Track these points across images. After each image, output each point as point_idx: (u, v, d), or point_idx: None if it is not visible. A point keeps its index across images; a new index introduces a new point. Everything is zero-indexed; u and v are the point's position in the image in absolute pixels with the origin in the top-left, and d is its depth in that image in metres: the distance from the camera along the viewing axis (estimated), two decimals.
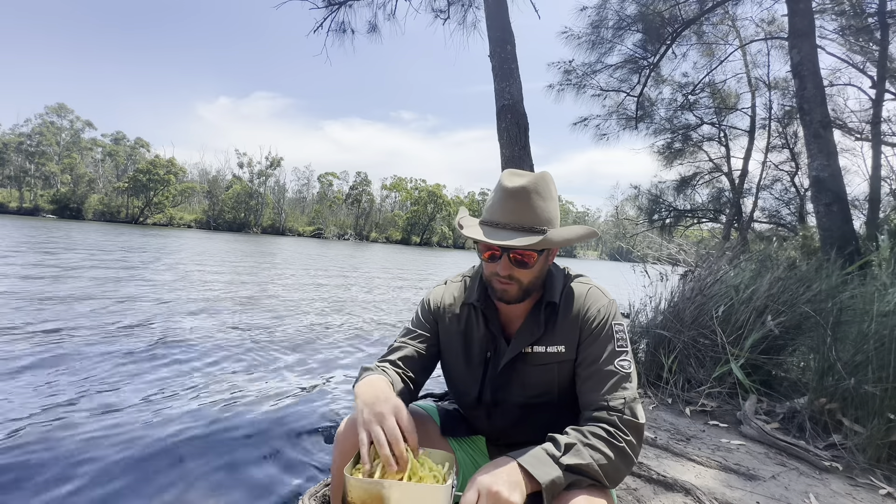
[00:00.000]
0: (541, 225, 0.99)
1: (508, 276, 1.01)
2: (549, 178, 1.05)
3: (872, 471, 2.01)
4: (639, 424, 0.94)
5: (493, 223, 1.02)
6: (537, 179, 1.01)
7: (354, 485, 0.78)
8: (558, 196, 1.08)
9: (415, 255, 33.95)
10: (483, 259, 1.06)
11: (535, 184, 1.01)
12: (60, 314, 4.64)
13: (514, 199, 0.99)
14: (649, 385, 3.03)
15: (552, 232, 0.98)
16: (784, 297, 2.97)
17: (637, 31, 6.59)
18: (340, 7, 6.43)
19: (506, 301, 1.05)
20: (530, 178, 1.02)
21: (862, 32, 6.12)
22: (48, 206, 51.57)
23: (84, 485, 1.80)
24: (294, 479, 1.97)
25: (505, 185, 1.01)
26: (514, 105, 3.91)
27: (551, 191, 1.03)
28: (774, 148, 8.16)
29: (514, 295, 1.03)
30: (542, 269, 1.06)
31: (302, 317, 5.89)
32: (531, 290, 1.05)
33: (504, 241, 0.97)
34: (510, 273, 1.01)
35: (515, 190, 0.99)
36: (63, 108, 60.03)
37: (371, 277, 12.90)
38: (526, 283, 1.03)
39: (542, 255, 1.03)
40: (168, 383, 2.99)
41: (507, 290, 1.03)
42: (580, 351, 1.05)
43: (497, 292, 1.05)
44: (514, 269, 1.01)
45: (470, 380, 1.14)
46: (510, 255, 1.00)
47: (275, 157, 66.12)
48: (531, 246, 0.96)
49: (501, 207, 1.01)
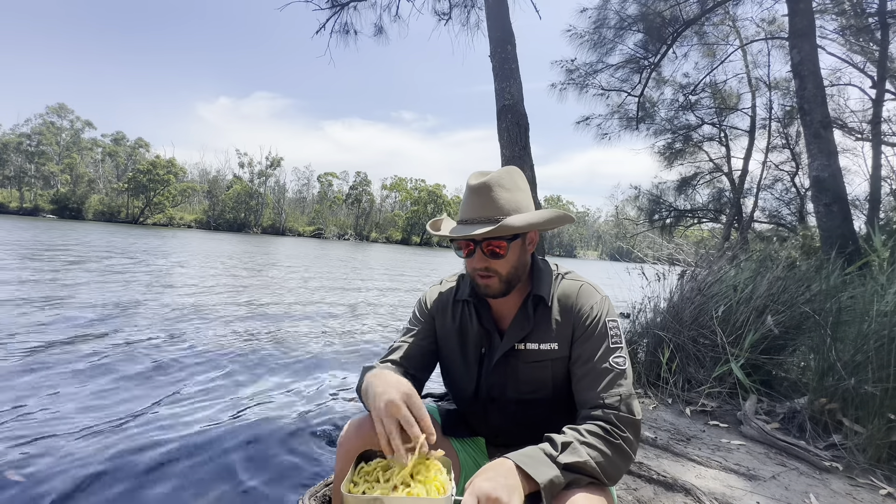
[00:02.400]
0: (504, 215, 1.01)
1: (486, 269, 1.04)
2: (516, 171, 1.08)
3: (872, 471, 2.01)
4: (635, 421, 0.94)
5: (463, 221, 1.05)
6: (501, 173, 1.05)
7: (352, 502, 0.78)
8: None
9: (415, 255, 33.95)
10: (463, 257, 1.08)
11: (499, 177, 1.04)
12: (56, 319, 4.64)
13: (477, 195, 1.03)
14: (649, 385, 3.03)
15: (511, 217, 1.00)
16: (784, 297, 2.97)
17: (638, 31, 6.60)
18: (343, 8, 6.44)
19: (490, 295, 1.07)
20: (494, 173, 1.05)
21: (862, 32, 6.12)
22: (48, 206, 51.59)
23: (80, 491, 1.80)
24: (294, 480, 1.97)
25: (469, 183, 1.05)
26: (514, 105, 3.91)
27: (517, 182, 1.06)
28: (775, 148, 8.17)
29: (496, 288, 1.05)
30: (520, 258, 1.07)
31: (303, 318, 5.90)
32: (513, 282, 1.07)
33: (465, 233, 0.99)
34: (486, 265, 1.04)
35: (478, 186, 1.03)
36: (63, 109, 60.07)
37: (372, 278, 12.89)
38: (505, 274, 1.05)
39: (515, 244, 1.04)
40: (168, 385, 2.99)
41: (489, 284, 1.05)
42: (574, 349, 1.05)
43: (480, 287, 1.07)
44: (489, 260, 1.03)
45: (466, 376, 1.15)
46: (483, 247, 1.03)
47: (275, 158, 66.16)
48: (490, 233, 0.97)
49: (468, 204, 1.05)
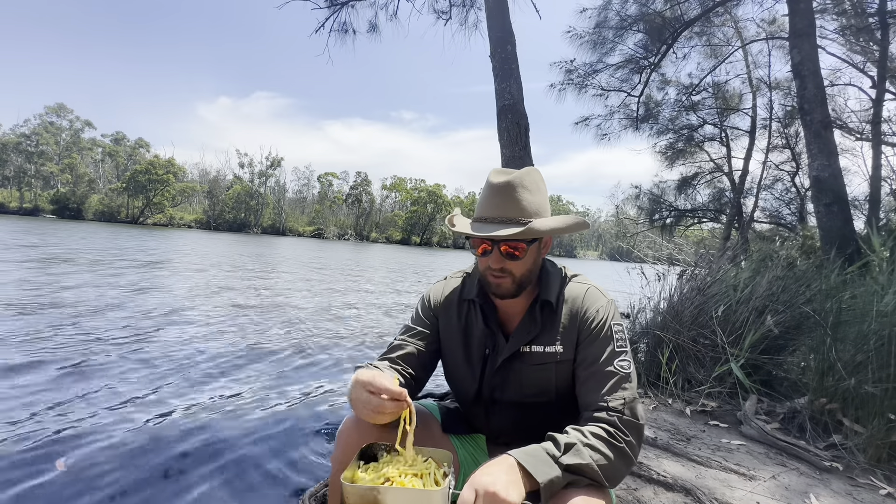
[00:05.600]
0: (527, 217, 1.00)
1: (501, 270, 1.03)
2: (537, 172, 1.07)
3: (873, 471, 2.01)
4: (639, 425, 0.94)
5: (482, 218, 1.04)
6: (523, 174, 1.03)
7: (351, 491, 0.79)
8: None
9: (415, 255, 33.94)
10: (477, 255, 1.07)
11: (522, 178, 1.02)
12: (53, 321, 4.64)
13: (500, 194, 1.01)
14: (649, 385, 3.03)
15: (537, 221, 0.99)
16: (784, 297, 2.97)
17: (638, 31, 6.59)
18: (342, 7, 6.44)
19: (500, 295, 1.06)
20: (517, 173, 1.03)
21: (862, 32, 6.11)
22: (48, 206, 51.58)
23: (79, 489, 1.80)
24: (294, 480, 1.97)
25: (491, 181, 1.04)
26: (514, 105, 3.90)
27: (538, 184, 1.05)
28: (775, 148, 8.16)
29: (508, 288, 1.04)
30: (535, 261, 1.06)
31: (303, 318, 5.89)
32: (525, 284, 1.06)
33: (488, 233, 0.98)
34: (502, 266, 1.02)
35: (501, 185, 1.01)
36: (62, 108, 60.05)
37: (373, 279, 12.89)
38: (519, 276, 1.04)
39: (533, 247, 1.04)
40: (168, 385, 2.99)
41: (501, 283, 1.04)
42: (579, 352, 1.05)
43: (492, 286, 1.06)
44: (505, 261, 1.02)
45: (469, 376, 1.14)
46: (501, 248, 1.02)
47: (275, 158, 66.16)
48: (516, 235, 0.97)
49: (489, 203, 1.03)
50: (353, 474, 0.87)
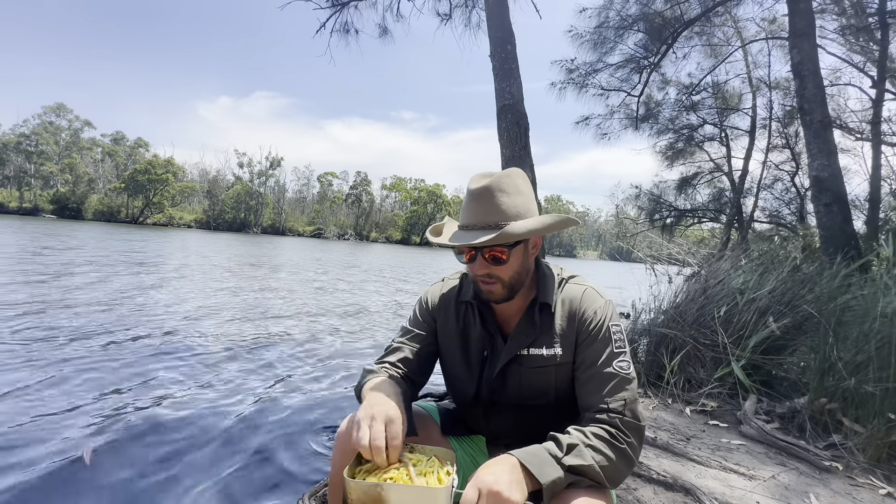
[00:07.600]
0: (507, 220, 0.99)
1: (488, 275, 1.02)
2: (517, 173, 1.05)
3: (872, 471, 2.01)
4: (639, 426, 0.94)
5: (464, 226, 1.03)
6: (501, 177, 1.02)
7: (353, 487, 0.79)
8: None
9: (416, 255, 33.94)
10: (464, 263, 1.06)
11: (499, 181, 1.01)
12: (61, 320, 4.64)
13: (477, 200, 1.00)
14: (650, 385, 3.03)
15: (513, 224, 0.98)
16: (786, 298, 2.97)
17: (638, 30, 6.60)
18: (344, 7, 6.44)
19: (494, 301, 1.05)
20: (495, 176, 1.02)
21: (862, 32, 6.11)
22: (48, 206, 51.56)
23: (79, 486, 1.80)
24: (294, 480, 1.97)
25: (469, 187, 1.03)
26: (514, 105, 3.90)
27: (518, 186, 1.03)
28: (775, 148, 8.16)
29: (499, 293, 1.03)
30: (522, 264, 1.05)
31: (303, 319, 5.89)
32: (516, 287, 1.05)
33: (467, 241, 0.97)
34: (488, 271, 1.01)
35: (478, 191, 1.00)
36: (62, 108, 60.04)
37: (374, 279, 12.89)
38: (508, 280, 1.03)
39: (517, 250, 1.02)
40: (168, 384, 2.99)
41: (492, 290, 1.03)
42: (578, 353, 1.04)
43: (484, 293, 1.05)
44: (490, 267, 1.01)
45: (467, 378, 1.14)
46: (484, 254, 1.01)
47: (275, 157, 66.08)
48: (489, 241, 0.95)
49: (468, 209, 1.02)
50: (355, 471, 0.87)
